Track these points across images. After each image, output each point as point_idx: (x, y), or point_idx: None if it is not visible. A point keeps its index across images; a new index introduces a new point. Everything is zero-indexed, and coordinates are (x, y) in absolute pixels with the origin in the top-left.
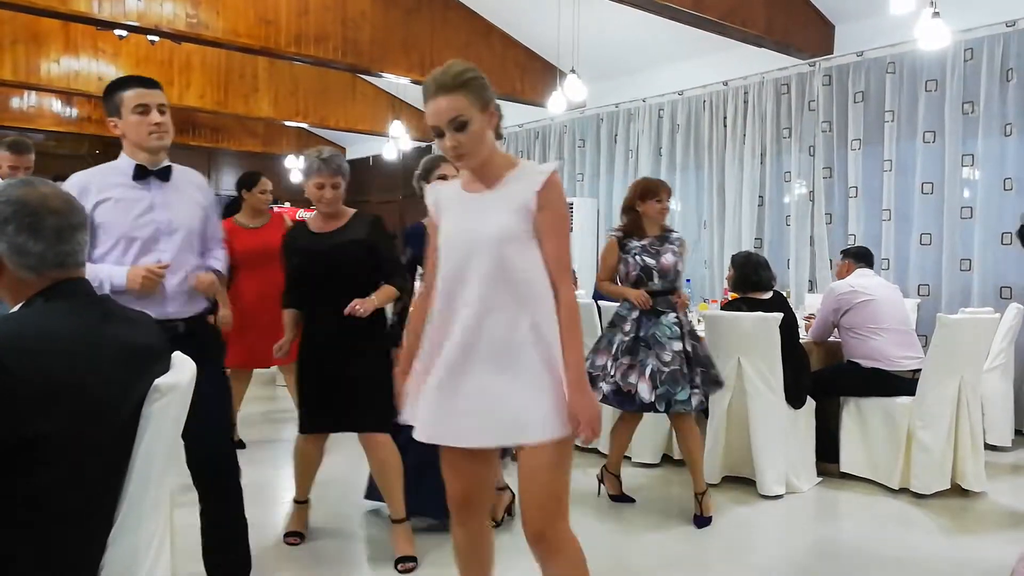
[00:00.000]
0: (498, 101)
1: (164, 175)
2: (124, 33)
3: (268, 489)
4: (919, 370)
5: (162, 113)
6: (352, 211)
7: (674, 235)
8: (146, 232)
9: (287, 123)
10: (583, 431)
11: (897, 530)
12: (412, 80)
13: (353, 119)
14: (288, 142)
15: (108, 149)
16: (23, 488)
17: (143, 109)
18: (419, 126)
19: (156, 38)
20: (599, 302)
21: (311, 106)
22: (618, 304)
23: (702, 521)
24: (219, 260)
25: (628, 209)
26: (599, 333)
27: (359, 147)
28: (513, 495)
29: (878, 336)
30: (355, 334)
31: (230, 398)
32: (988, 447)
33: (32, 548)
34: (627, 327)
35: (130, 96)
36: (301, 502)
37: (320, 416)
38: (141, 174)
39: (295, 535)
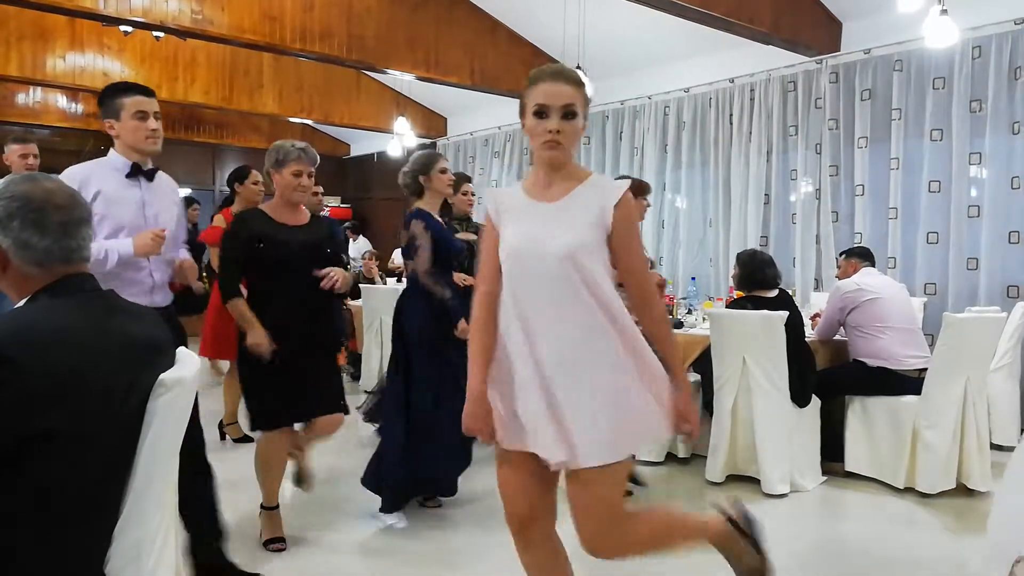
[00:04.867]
0: (504, 97)
1: (151, 176)
2: (129, 29)
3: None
4: (925, 369)
5: (157, 120)
6: (310, 211)
7: None
8: (137, 224)
9: (291, 119)
10: (682, 427)
11: (902, 529)
12: (417, 77)
13: (357, 116)
14: (292, 138)
15: (113, 146)
16: (30, 481)
17: (142, 116)
18: (424, 122)
19: (161, 34)
20: None
21: (315, 102)
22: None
23: None
24: (186, 256)
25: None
26: None
27: (363, 144)
28: None
29: (884, 335)
30: (323, 323)
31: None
32: (994, 447)
33: (38, 541)
34: None
35: (132, 102)
36: (275, 508)
37: (300, 407)
38: (134, 172)
39: (279, 540)
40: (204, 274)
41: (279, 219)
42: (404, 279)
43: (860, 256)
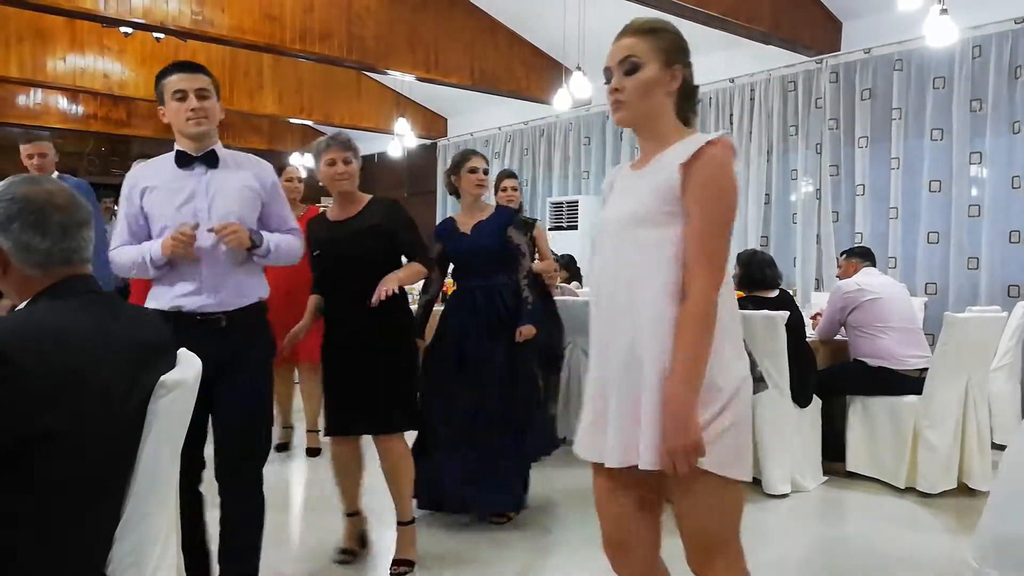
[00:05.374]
0: (504, 97)
1: (211, 161)
2: (129, 30)
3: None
4: (926, 369)
5: (201, 98)
6: (369, 196)
7: None
8: (183, 219)
9: (292, 120)
10: (662, 459)
11: (903, 529)
12: (417, 77)
13: (358, 116)
14: (293, 139)
15: (114, 147)
16: (30, 482)
17: (181, 95)
18: (424, 123)
19: (161, 35)
20: None
21: (316, 103)
22: None
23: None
24: (279, 239)
25: None
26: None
27: (363, 144)
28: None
29: (885, 335)
30: (376, 326)
31: (270, 400)
32: (995, 446)
33: (39, 542)
34: None
35: (170, 83)
36: (351, 514)
37: (344, 417)
38: (184, 161)
39: (347, 552)
40: None
41: (334, 218)
42: None
43: (861, 256)
